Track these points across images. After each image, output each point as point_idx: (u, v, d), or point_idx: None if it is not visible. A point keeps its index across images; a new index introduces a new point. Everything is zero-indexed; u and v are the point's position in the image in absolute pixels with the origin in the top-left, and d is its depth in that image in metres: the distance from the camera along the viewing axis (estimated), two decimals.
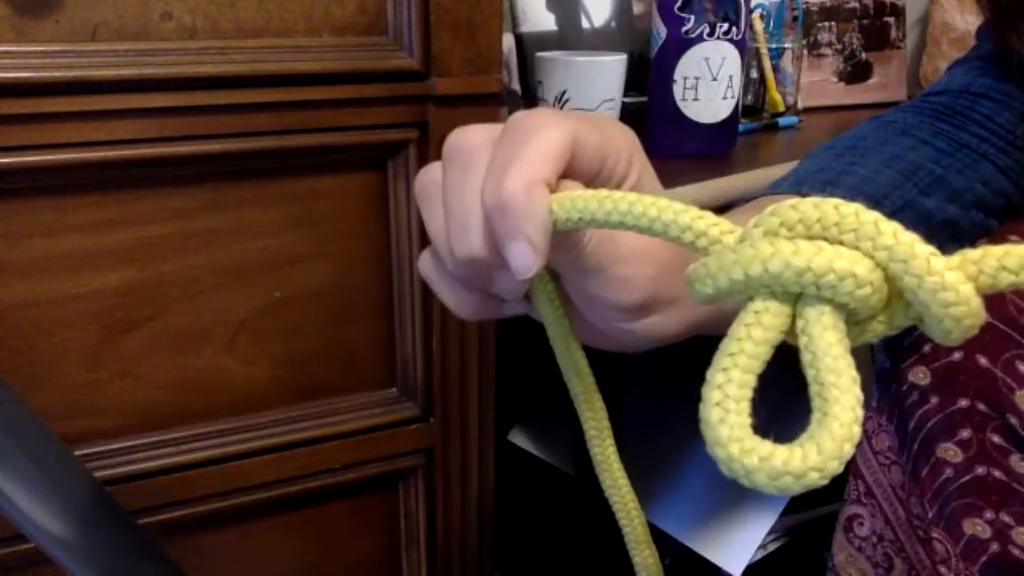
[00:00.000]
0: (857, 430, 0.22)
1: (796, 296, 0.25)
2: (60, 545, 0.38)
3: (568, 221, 0.28)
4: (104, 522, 0.41)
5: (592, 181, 0.31)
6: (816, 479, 0.22)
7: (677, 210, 0.26)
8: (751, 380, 0.24)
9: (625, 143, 0.32)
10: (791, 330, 0.25)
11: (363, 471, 0.63)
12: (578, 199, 0.27)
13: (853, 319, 0.25)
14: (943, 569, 0.47)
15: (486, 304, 0.35)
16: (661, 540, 0.87)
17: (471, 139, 0.30)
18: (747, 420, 0.23)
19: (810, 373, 0.24)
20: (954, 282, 0.23)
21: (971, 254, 0.23)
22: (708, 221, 0.26)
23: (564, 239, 0.30)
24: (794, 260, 0.23)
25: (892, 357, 0.52)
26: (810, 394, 0.24)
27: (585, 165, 0.30)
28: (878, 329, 0.25)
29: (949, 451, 0.46)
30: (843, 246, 0.24)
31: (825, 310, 0.24)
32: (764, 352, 0.24)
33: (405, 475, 0.66)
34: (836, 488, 0.59)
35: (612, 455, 0.38)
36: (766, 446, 0.22)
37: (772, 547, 0.87)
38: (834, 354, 0.23)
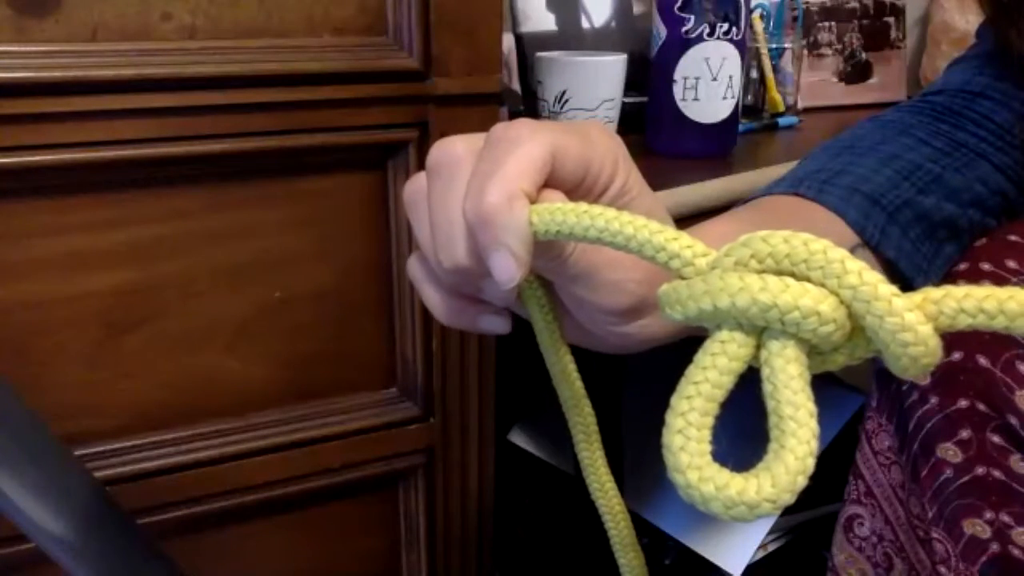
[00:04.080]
0: (811, 463, 0.23)
1: (762, 327, 0.25)
2: (60, 545, 0.38)
3: (548, 233, 0.28)
4: (104, 522, 0.41)
5: (576, 189, 0.31)
6: (769, 510, 0.22)
7: (652, 230, 0.27)
8: (714, 408, 0.24)
9: (608, 149, 0.32)
10: (756, 355, 0.26)
11: (363, 471, 0.63)
12: (558, 212, 0.28)
13: (815, 351, 0.26)
14: (943, 569, 0.47)
15: (466, 310, 0.35)
16: (661, 540, 0.87)
17: (453, 151, 0.31)
18: (707, 448, 0.24)
19: (770, 404, 0.24)
20: (913, 322, 0.24)
21: (933, 294, 0.24)
22: (682, 243, 0.27)
23: (548, 247, 0.30)
24: (760, 296, 0.24)
25: None
26: (769, 424, 0.24)
27: (568, 174, 0.30)
28: (839, 360, 0.26)
29: (949, 451, 0.46)
30: (810, 282, 0.25)
31: (788, 344, 0.25)
32: (728, 381, 0.25)
33: (405, 475, 0.66)
34: (836, 488, 0.59)
35: (599, 459, 0.39)
36: (723, 475, 0.23)
37: (772, 547, 0.87)
38: (794, 387, 0.24)
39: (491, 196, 0.28)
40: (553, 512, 0.91)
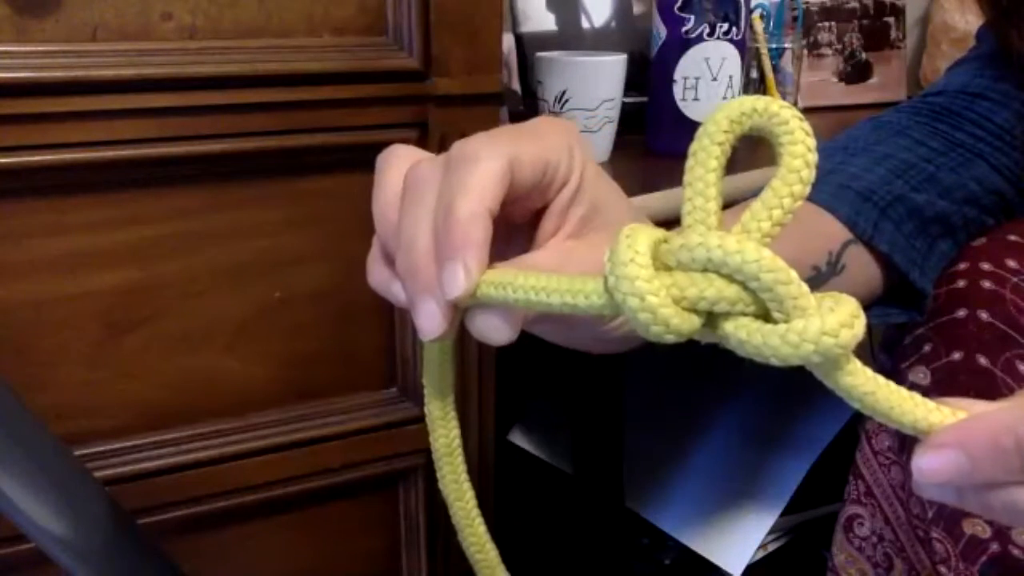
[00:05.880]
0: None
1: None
2: (60, 545, 0.38)
3: (489, 283, 0.30)
4: (104, 522, 0.41)
5: (535, 188, 0.32)
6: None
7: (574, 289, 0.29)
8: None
9: (560, 143, 0.33)
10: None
11: (363, 471, 0.63)
12: (506, 274, 0.30)
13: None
14: (943, 569, 0.47)
15: None
16: (661, 540, 0.87)
17: (421, 170, 0.33)
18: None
19: None
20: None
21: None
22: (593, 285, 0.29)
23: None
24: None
25: (892, 357, 0.52)
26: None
27: (526, 179, 0.32)
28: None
29: None
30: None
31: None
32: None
33: (405, 475, 0.66)
34: (836, 488, 0.59)
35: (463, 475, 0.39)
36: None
37: (772, 547, 0.87)
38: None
39: (459, 212, 0.30)
40: (553, 512, 0.91)
